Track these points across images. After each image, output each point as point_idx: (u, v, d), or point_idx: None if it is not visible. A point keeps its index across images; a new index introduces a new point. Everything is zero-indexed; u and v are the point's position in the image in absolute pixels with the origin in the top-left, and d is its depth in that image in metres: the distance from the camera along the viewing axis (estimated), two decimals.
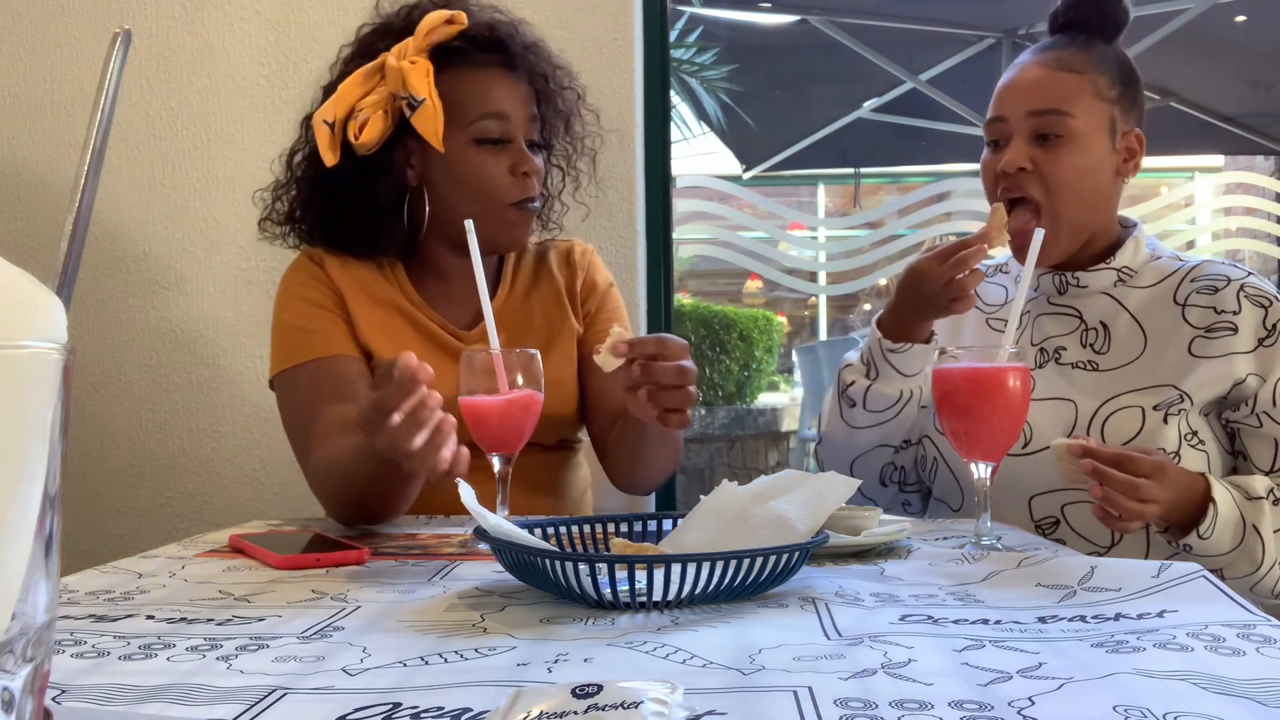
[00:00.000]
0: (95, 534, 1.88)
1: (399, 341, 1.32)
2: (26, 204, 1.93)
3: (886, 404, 1.37)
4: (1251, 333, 1.27)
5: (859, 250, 4.81)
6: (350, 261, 1.35)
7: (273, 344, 1.33)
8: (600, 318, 1.43)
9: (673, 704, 0.48)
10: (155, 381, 1.91)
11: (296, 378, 1.28)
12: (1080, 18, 1.38)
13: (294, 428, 1.28)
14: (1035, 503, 1.32)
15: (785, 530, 0.86)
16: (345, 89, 1.27)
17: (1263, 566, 1.20)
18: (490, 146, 1.29)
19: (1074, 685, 0.56)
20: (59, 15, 1.91)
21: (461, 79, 1.29)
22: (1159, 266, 1.37)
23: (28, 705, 0.39)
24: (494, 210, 1.29)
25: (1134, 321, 1.34)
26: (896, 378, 1.35)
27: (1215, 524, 1.17)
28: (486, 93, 1.29)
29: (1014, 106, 1.34)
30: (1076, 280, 1.38)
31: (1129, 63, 1.38)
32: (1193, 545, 1.19)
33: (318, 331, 1.29)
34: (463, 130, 1.28)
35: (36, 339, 0.39)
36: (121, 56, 0.49)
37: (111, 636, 0.70)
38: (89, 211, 0.46)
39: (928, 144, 6.10)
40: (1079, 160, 1.31)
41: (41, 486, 0.39)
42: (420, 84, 1.24)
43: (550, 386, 1.31)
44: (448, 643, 0.67)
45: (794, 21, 5.14)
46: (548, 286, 1.43)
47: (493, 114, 1.28)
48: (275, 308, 1.34)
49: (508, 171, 1.29)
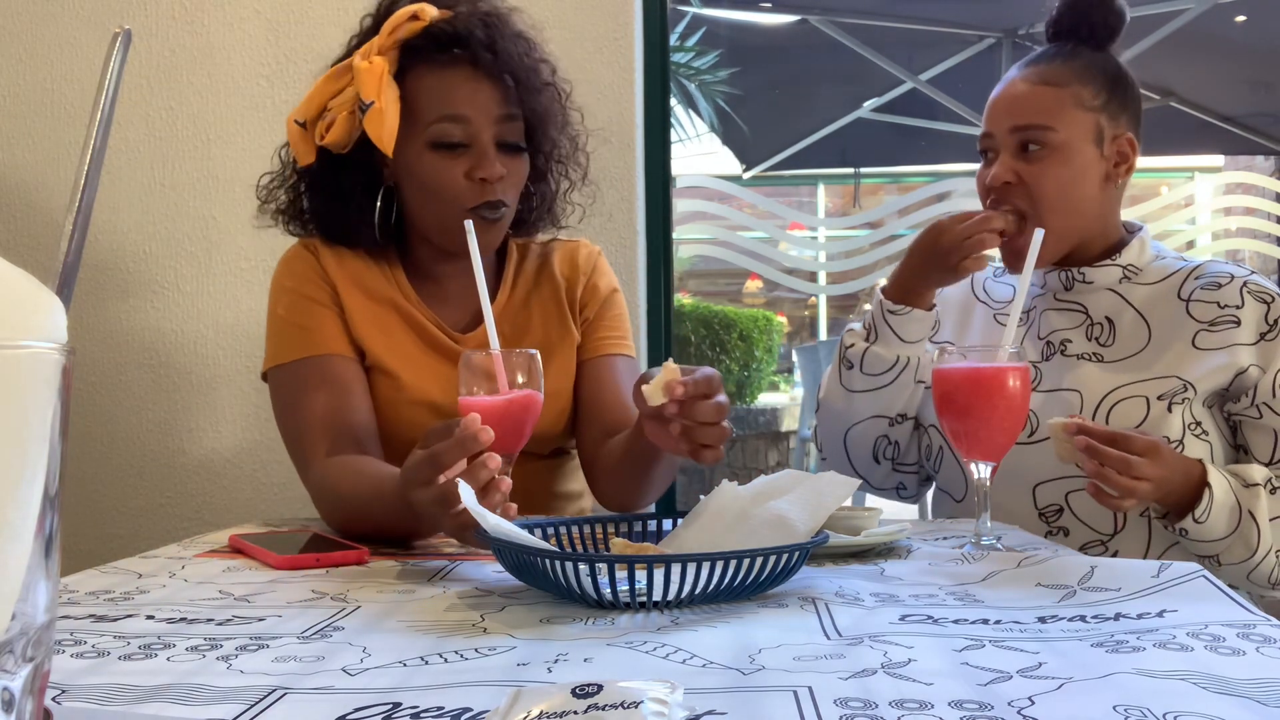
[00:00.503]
0: (95, 534, 1.88)
1: (393, 338, 1.30)
2: (26, 204, 1.93)
3: (884, 367, 1.39)
4: (1254, 326, 1.30)
5: (859, 250, 4.81)
6: (346, 255, 1.32)
7: (267, 337, 1.31)
8: (600, 325, 1.39)
9: (673, 704, 0.48)
10: (155, 381, 1.91)
11: (288, 374, 1.27)
12: (1073, 25, 1.41)
13: (287, 428, 1.27)
14: (1039, 491, 1.34)
15: (785, 530, 0.86)
16: (316, 88, 1.25)
17: (1258, 552, 1.22)
18: (447, 151, 1.23)
19: (1074, 685, 0.56)
20: (59, 15, 1.91)
21: (422, 80, 1.23)
22: (1163, 265, 1.40)
23: (28, 705, 0.39)
24: (451, 214, 1.23)
25: (1139, 316, 1.37)
26: (895, 342, 1.38)
27: (1211, 508, 1.19)
28: (446, 94, 1.22)
29: (999, 122, 1.38)
30: (1083, 276, 1.40)
31: (1119, 69, 1.40)
32: (1189, 530, 1.21)
33: (311, 328, 1.27)
34: (420, 134, 1.23)
35: (36, 339, 0.39)
36: (121, 56, 0.49)
37: (111, 636, 0.70)
38: (89, 211, 0.46)
39: (928, 144, 6.10)
40: (1062, 172, 1.34)
41: (41, 486, 0.39)
42: (370, 86, 1.19)
43: (546, 398, 1.29)
44: (448, 643, 0.67)
45: (794, 21, 5.14)
46: (549, 290, 1.39)
47: (449, 116, 1.22)
48: (270, 298, 1.32)
49: (464, 176, 1.23)
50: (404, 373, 1.29)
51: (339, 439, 1.21)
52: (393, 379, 1.29)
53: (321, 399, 1.24)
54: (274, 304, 1.31)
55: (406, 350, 1.31)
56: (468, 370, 1.09)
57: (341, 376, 1.26)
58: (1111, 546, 1.30)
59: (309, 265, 1.31)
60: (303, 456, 1.23)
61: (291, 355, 1.27)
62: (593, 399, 1.35)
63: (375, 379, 1.29)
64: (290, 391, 1.27)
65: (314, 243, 1.34)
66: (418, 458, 0.93)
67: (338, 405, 1.24)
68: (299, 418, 1.24)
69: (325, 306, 1.29)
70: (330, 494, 1.17)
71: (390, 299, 1.33)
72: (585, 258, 1.42)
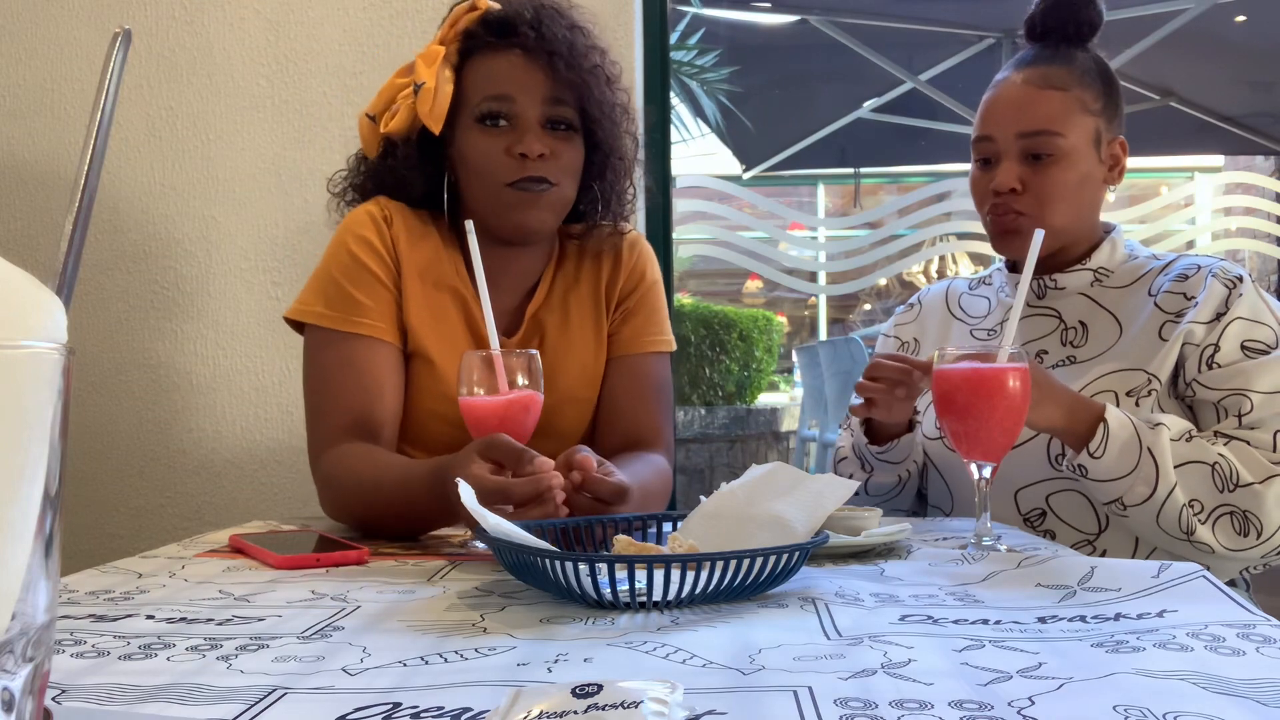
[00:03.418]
0: (95, 534, 1.88)
1: (445, 326, 1.30)
2: (26, 204, 1.93)
3: (889, 489, 1.43)
4: (1211, 307, 1.29)
5: (859, 250, 4.81)
6: (418, 235, 1.31)
7: (312, 288, 1.28)
8: (638, 317, 1.37)
9: (673, 704, 0.48)
10: (155, 381, 1.91)
11: (326, 342, 1.26)
12: (1057, 24, 1.40)
13: (312, 399, 1.26)
14: (1021, 496, 1.34)
15: (785, 531, 0.87)
16: (387, 84, 1.30)
17: (1158, 491, 1.19)
18: (490, 127, 1.26)
19: (1074, 685, 0.56)
20: (59, 15, 1.91)
21: (475, 65, 1.29)
22: (1135, 266, 1.40)
23: (28, 705, 0.39)
24: (492, 191, 1.26)
25: (1110, 316, 1.37)
26: (890, 469, 1.40)
27: (1106, 442, 1.19)
28: (493, 76, 1.27)
29: (1002, 127, 1.36)
30: (1054, 283, 1.41)
31: (1108, 70, 1.40)
32: (1086, 466, 1.21)
33: (361, 303, 1.25)
34: (469, 113, 1.27)
35: (36, 339, 0.39)
36: (121, 56, 0.49)
37: (111, 636, 0.70)
38: (89, 211, 0.46)
39: (927, 144, 6.11)
40: (1069, 176, 1.34)
41: (41, 486, 0.39)
42: (423, 70, 1.25)
43: (572, 404, 1.29)
44: (448, 643, 0.67)
45: (794, 21, 5.15)
46: (588, 287, 1.37)
47: (494, 95, 1.26)
48: (329, 250, 1.30)
49: (504, 151, 1.25)
50: (445, 363, 1.28)
51: (359, 430, 1.22)
52: (432, 367, 1.28)
53: (352, 386, 1.23)
54: (331, 259, 1.29)
55: (456, 341, 1.30)
56: (468, 370, 1.09)
57: (379, 366, 1.25)
58: (1099, 545, 1.30)
59: (379, 236, 1.29)
60: (319, 435, 1.23)
61: (334, 323, 1.25)
62: (615, 406, 1.35)
63: (414, 364, 1.29)
64: (324, 364, 1.25)
65: (390, 210, 1.31)
66: (486, 482, 0.95)
67: (367, 397, 1.23)
68: (326, 396, 1.24)
69: (383, 285, 1.27)
70: (345, 479, 1.18)
71: (453, 288, 1.32)
72: (629, 245, 1.40)
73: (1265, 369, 1.25)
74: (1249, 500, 1.19)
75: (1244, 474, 1.20)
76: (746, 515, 0.90)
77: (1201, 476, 1.20)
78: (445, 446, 1.28)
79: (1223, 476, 1.20)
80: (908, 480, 1.41)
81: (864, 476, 1.41)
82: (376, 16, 1.88)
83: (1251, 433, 1.23)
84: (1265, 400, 1.23)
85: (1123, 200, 4.62)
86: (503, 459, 0.99)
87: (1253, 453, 1.21)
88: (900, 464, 1.38)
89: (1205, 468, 1.20)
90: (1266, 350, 1.26)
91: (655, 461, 1.26)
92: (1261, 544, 1.20)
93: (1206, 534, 1.20)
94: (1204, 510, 1.20)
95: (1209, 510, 1.20)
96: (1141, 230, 5.02)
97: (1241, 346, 1.27)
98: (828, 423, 5.11)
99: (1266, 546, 1.20)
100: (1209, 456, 1.20)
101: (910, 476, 1.41)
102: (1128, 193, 1.52)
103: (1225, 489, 1.20)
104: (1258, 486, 1.19)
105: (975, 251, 6.01)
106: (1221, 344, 1.27)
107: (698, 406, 5.70)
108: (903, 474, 1.40)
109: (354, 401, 1.23)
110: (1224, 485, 1.20)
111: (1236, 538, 1.20)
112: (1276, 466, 1.20)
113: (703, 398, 5.88)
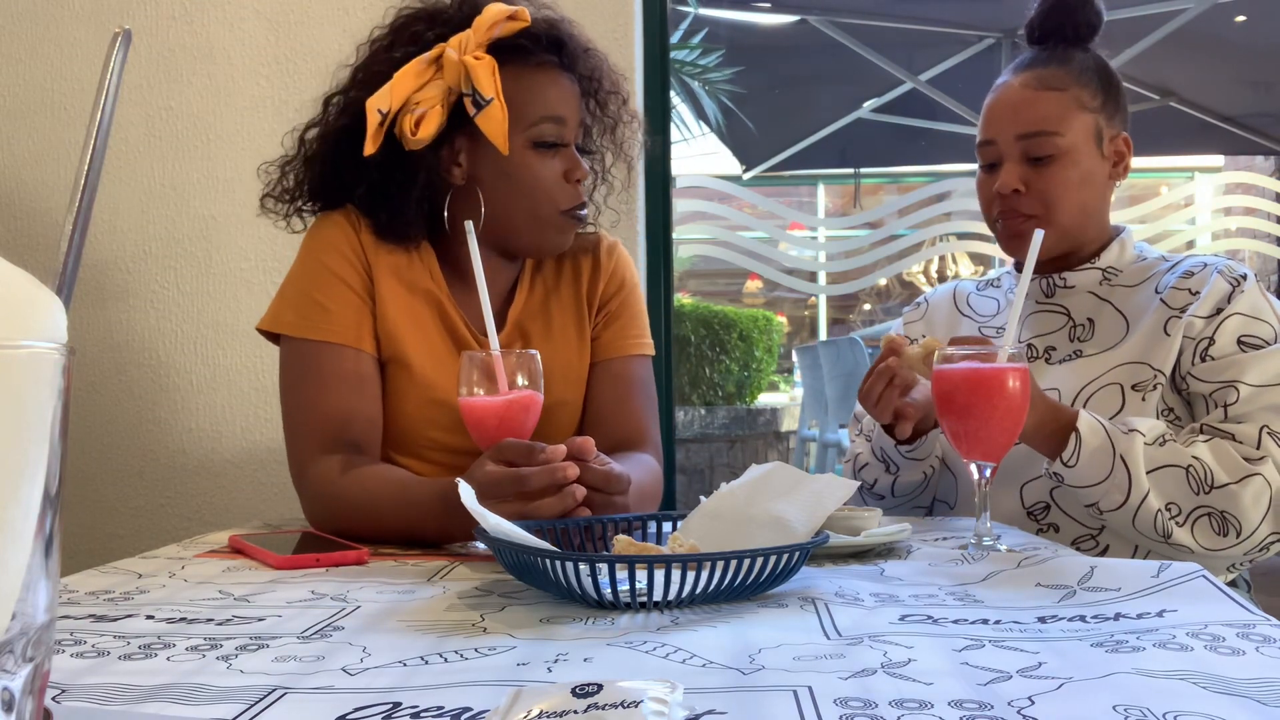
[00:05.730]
0: (95, 534, 1.88)
1: (423, 331, 1.28)
2: (26, 204, 1.93)
3: (915, 486, 1.42)
4: (1212, 302, 1.30)
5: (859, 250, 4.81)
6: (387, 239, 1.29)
7: (283, 297, 1.26)
8: (620, 321, 1.37)
9: (673, 704, 0.48)
10: (155, 381, 1.91)
11: (300, 353, 1.23)
12: (1056, 27, 1.41)
13: (291, 413, 1.24)
14: (1026, 490, 1.35)
15: (785, 531, 0.87)
16: (401, 79, 1.20)
17: (1131, 497, 1.20)
18: (546, 150, 1.24)
19: (1074, 685, 0.56)
20: (59, 15, 1.91)
21: (520, 79, 1.23)
22: (1144, 266, 1.41)
23: (28, 705, 0.39)
24: (545, 215, 1.25)
25: (1118, 312, 1.38)
26: (916, 466, 1.39)
27: (1079, 451, 1.20)
28: (545, 94, 1.24)
29: (1002, 130, 1.37)
30: (1064, 281, 1.42)
31: (1108, 68, 1.41)
32: (1063, 475, 1.22)
33: (332, 312, 1.23)
34: (521, 132, 1.23)
35: (36, 339, 0.39)
36: (121, 56, 0.49)
37: (111, 636, 0.70)
38: (89, 211, 0.46)
39: (927, 144, 6.11)
40: (1071, 175, 1.35)
41: (41, 486, 0.39)
42: (488, 83, 1.19)
43: (558, 408, 1.28)
44: (448, 643, 0.67)
45: (794, 21, 5.14)
46: (568, 292, 1.36)
47: (551, 117, 1.24)
48: (298, 260, 1.27)
49: (561, 177, 1.25)
50: (425, 368, 1.26)
51: (340, 441, 1.20)
52: (410, 372, 1.26)
53: (331, 396, 1.21)
54: (301, 268, 1.27)
55: (433, 344, 1.28)
56: (467, 370, 1.09)
57: (356, 374, 1.23)
58: (1102, 540, 1.31)
59: (349, 242, 1.26)
60: (300, 449, 1.21)
61: (306, 333, 1.23)
62: (600, 409, 1.34)
63: (392, 370, 1.26)
64: (300, 375, 1.23)
65: (355, 217, 1.28)
66: (499, 474, 0.97)
67: (346, 406, 1.21)
68: (305, 409, 1.22)
69: (354, 292, 1.25)
70: (333, 497, 1.16)
71: (427, 290, 1.29)
72: (607, 254, 1.39)
73: (1257, 362, 1.25)
74: (1226, 501, 1.20)
75: (1219, 475, 1.20)
76: (746, 515, 0.90)
77: (1177, 480, 1.20)
78: (433, 451, 1.27)
79: (1198, 479, 1.20)
80: (932, 475, 1.41)
81: (890, 479, 1.40)
82: (376, 16, 1.88)
83: (1237, 426, 1.23)
84: (1253, 393, 1.24)
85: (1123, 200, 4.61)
86: (514, 458, 0.99)
87: (1230, 452, 1.21)
88: (925, 459, 1.38)
89: (1180, 471, 1.20)
90: (1262, 346, 1.27)
91: (645, 461, 1.26)
92: (1242, 542, 1.20)
93: (1184, 536, 1.20)
94: (1181, 513, 1.21)
95: (1186, 513, 1.21)
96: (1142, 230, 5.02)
97: (1238, 341, 1.28)
98: (828, 423, 5.11)
99: (1248, 544, 1.21)
100: (1183, 460, 1.21)
101: (934, 471, 1.41)
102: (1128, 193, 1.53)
103: (1201, 491, 1.20)
104: (1234, 486, 1.19)
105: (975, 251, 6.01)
106: (1217, 337, 1.28)
107: (698, 406, 5.70)
108: (927, 470, 1.39)
109: (332, 411, 1.21)
110: (1199, 488, 1.20)
111: (1216, 538, 1.20)
112: (1253, 465, 1.20)
113: (703, 398, 5.88)
